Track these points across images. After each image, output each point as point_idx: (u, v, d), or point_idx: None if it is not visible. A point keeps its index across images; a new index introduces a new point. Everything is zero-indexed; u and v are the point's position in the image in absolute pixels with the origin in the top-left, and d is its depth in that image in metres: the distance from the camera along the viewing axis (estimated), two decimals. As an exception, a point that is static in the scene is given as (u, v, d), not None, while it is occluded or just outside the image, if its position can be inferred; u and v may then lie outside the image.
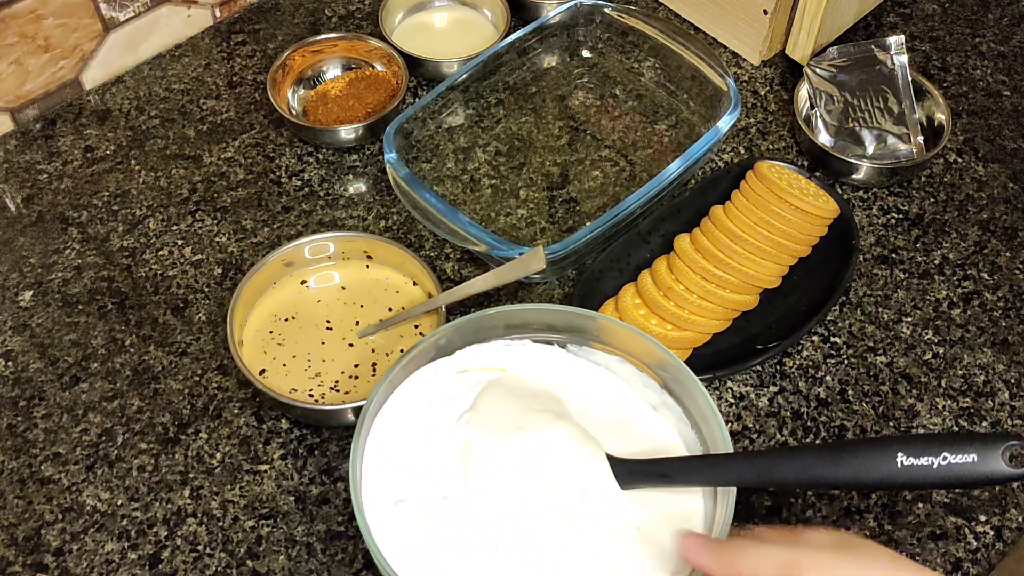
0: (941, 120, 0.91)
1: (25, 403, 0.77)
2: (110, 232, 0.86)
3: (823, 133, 0.91)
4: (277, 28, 1.01)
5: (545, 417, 0.65)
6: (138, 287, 0.83)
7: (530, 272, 0.73)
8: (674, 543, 0.61)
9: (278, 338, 0.78)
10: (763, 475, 0.60)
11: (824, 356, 0.80)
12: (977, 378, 0.79)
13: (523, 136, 0.92)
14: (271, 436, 0.75)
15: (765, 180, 0.83)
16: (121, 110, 0.94)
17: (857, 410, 0.77)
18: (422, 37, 0.98)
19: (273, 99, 0.90)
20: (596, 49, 0.97)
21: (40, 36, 0.88)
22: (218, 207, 0.88)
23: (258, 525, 0.71)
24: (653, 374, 0.68)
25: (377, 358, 0.77)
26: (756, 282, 0.80)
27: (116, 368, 0.78)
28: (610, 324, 0.69)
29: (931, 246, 0.87)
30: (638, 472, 0.63)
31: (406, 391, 0.67)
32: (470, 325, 0.68)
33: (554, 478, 0.63)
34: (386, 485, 0.63)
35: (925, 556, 0.71)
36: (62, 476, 0.73)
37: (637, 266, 0.83)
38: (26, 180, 0.89)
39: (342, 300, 0.80)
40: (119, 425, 0.76)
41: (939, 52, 1.00)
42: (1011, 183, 0.91)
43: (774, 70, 0.99)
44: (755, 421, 0.77)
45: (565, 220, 0.87)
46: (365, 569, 0.70)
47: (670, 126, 0.93)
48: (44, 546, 0.70)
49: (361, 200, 0.88)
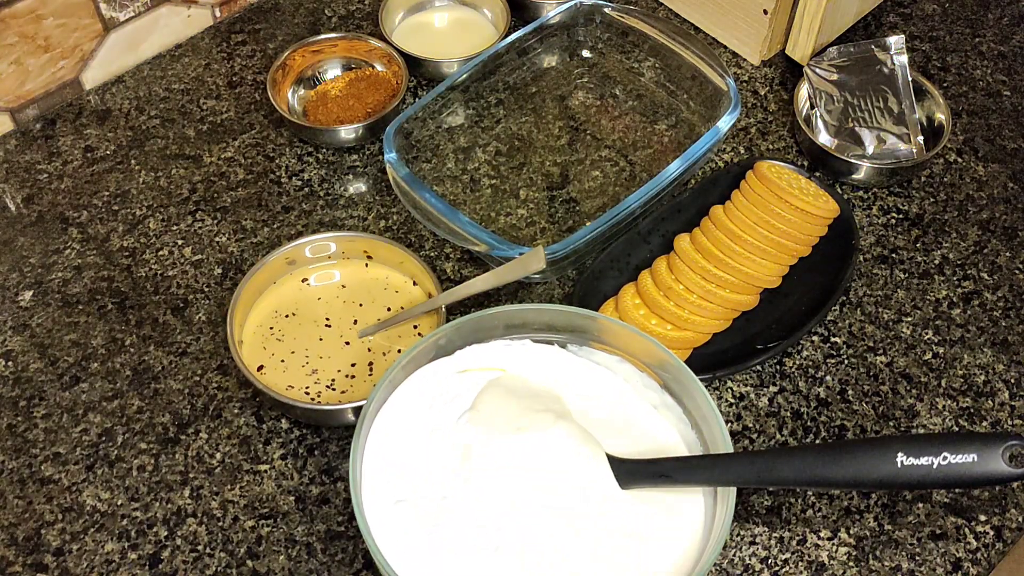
0: (941, 120, 0.91)
1: (25, 403, 0.77)
2: (110, 232, 0.86)
3: (823, 133, 0.91)
4: (277, 28, 1.01)
5: (545, 417, 0.65)
6: (138, 287, 0.83)
7: (530, 272, 0.73)
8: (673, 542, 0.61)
9: (278, 334, 0.78)
10: (763, 475, 0.60)
11: (824, 356, 0.80)
12: (977, 378, 0.79)
13: (523, 136, 0.92)
14: (271, 436, 0.75)
15: (765, 180, 0.83)
16: (121, 110, 0.94)
17: (857, 410, 0.77)
18: (422, 37, 0.98)
19: (273, 99, 0.90)
20: (596, 49, 0.97)
21: (40, 36, 0.88)
22: (218, 207, 0.88)
23: (258, 525, 0.71)
24: (653, 374, 0.68)
25: (374, 358, 0.77)
26: (756, 282, 0.80)
27: (116, 368, 0.78)
28: (610, 324, 0.69)
29: (931, 246, 0.87)
30: (638, 472, 0.63)
31: (406, 391, 0.67)
32: (470, 325, 0.68)
33: (554, 478, 0.63)
34: (386, 485, 0.63)
35: (925, 556, 0.71)
36: (62, 476, 0.73)
37: (637, 266, 0.83)
38: (26, 180, 0.89)
39: (342, 299, 0.80)
40: (119, 425, 0.76)
41: (939, 52, 1.00)
42: (1011, 183, 0.91)
43: (774, 70, 0.99)
44: (755, 421, 0.77)
45: (565, 220, 0.87)
46: (365, 569, 0.70)
47: (670, 126, 0.93)
48: (44, 546, 0.70)
49: (361, 200, 0.88)
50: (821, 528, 0.71)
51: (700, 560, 0.60)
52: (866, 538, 0.71)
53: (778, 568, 0.70)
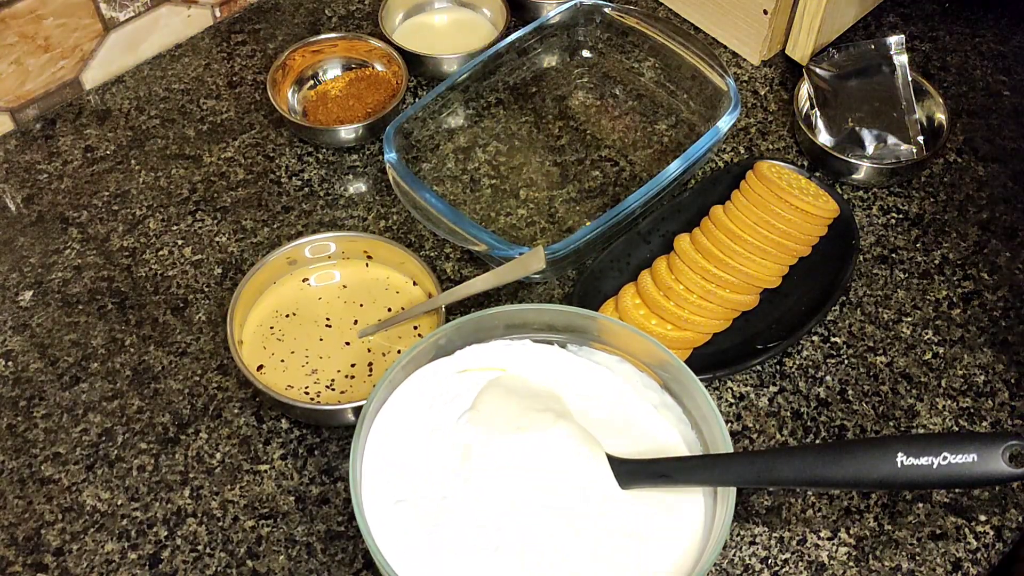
0: (941, 120, 0.91)
1: (25, 403, 0.77)
2: (110, 232, 0.86)
3: (823, 133, 0.91)
4: (277, 28, 1.01)
5: (545, 416, 0.65)
6: (138, 287, 0.83)
7: (530, 272, 0.73)
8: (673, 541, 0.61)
9: (278, 333, 0.78)
10: (763, 475, 0.60)
11: (824, 356, 0.80)
12: (977, 378, 0.79)
13: (523, 136, 0.92)
14: (271, 436, 0.75)
15: (765, 180, 0.83)
16: (121, 110, 0.94)
17: (857, 410, 0.77)
18: (422, 37, 0.98)
19: (273, 99, 0.90)
20: (596, 49, 0.97)
21: (40, 36, 0.88)
22: (218, 207, 0.88)
23: (258, 525, 0.71)
24: (653, 374, 0.68)
25: (374, 358, 0.77)
26: (756, 282, 0.80)
27: (116, 368, 0.78)
28: (610, 324, 0.69)
29: (931, 246, 0.87)
30: (638, 472, 0.63)
31: (406, 391, 0.67)
32: (470, 325, 0.68)
33: (554, 478, 0.63)
34: (386, 485, 0.63)
35: (925, 556, 0.71)
36: (62, 476, 0.73)
37: (637, 266, 0.83)
38: (26, 180, 0.89)
39: (343, 299, 0.80)
40: (119, 425, 0.76)
41: (939, 52, 1.00)
42: (1011, 183, 0.91)
43: (774, 70, 0.99)
44: (755, 421, 0.77)
45: (565, 220, 0.87)
46: (365, 569, 0.70)
47: (670, 126, 0.93)
48: (44, 546, 0.70)
49: (361, 200, 0.88)
50: (821, 528, 0.71)
51: (700, 560, 0.60)
52: (866, 538, 0.71)
53: (778, 568, 0.70)
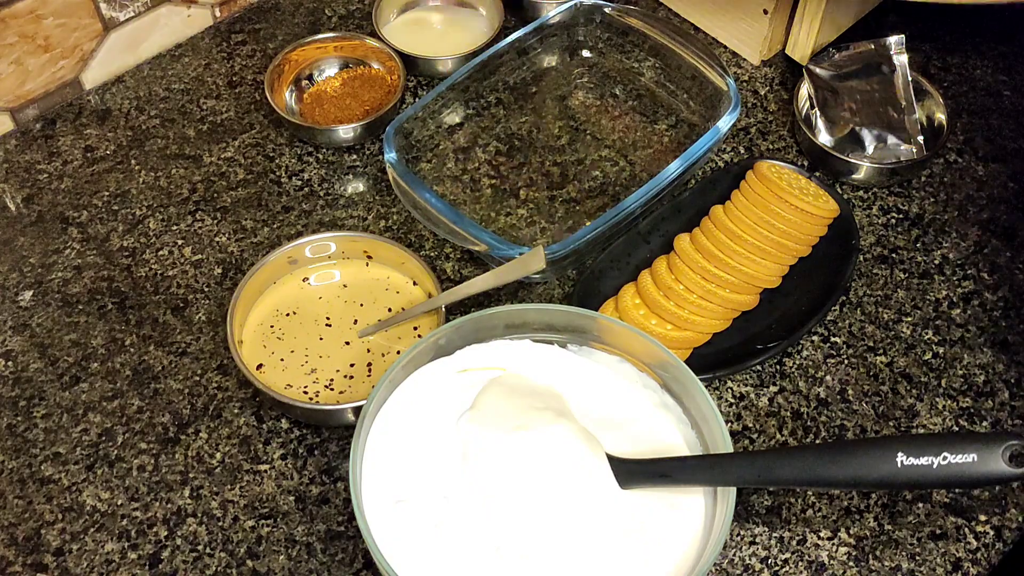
0: (941, 120, 0.91)
1: (25, 403, 0.77)
2: (110, 232, 0.86)
3: (823, 133, 0.91)
4: (277, 28, 1.01)
5: (545, 416, 0.65)
6: (138, 287, 0.83)
7: (530, 272, 0.73)
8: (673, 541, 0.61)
9: (278, 332, 0.78)
10: (763, 475, 0.60)
11: (824, 356, 0.80)
12: (977, 378, 0.79)
13: (523, 136, 0.92)
14: (271, 436, 0.75)
15: (765, 180, 0.83)
16: (121, 110, 0.94)
17: (857, 410, 0.77)
18: (416, 35, 0.98)
19: (271, 99, 0.90)
20: (596, 49, 0.97)
21: (40, 36, 0.88)
22: (218, 207, 0.88)
23: (258, 525, 0.71)
24: (653, 374, 0.68)
25: (373, 358, 0.77)
26: (756, 282, 0.80)
27: (116, 368, 0.78)
28: (610, 324, 0.69)
29: (931, 246, 0.87)
30: (638, 472, 0.63)
31: (406, 391, 0.67)
32: (470, 325, 0.68)
33: (554, 477, 0.63)
34: (386, 485, 0.63)
35: (925, 556, 0.71)
36: (62, 476, 0.73)
37: (637, 266, 0.83)
38: (26, 180, 0.89)
39: (343, 298, 0.80)
40: (119, 425, 0.76)
41: (939, 52, 1.00)
42: (1011, 183, 0.91)
43: (774, 70, 0.99)
44: (755, 421, 0.77)
45: (565, 220, 0.87)
46: (365, 569, 0.70)
47: (670, 126, 0.93)
48: (44, 546, 0.70)
49: (361, 200, 0.88)
50: (821, 528, 0.71)
51: (700, 560, 0.60)
52: (866, 538, 0.71)
53: (778, 568, 0.70)
